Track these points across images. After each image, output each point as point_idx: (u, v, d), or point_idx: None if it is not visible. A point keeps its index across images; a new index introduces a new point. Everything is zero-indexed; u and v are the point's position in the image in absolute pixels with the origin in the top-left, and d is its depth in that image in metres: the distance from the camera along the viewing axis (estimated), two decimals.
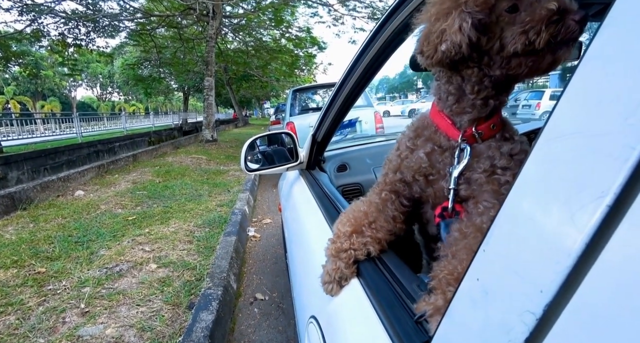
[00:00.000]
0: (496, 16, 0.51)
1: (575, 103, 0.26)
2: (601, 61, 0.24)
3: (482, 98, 0.58)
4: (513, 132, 0.61)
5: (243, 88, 24.24)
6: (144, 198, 4.28)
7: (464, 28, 0.50)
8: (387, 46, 0.98)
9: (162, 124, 21.29)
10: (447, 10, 0.52)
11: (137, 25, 10.88)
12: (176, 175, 5.75)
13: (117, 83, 38.14)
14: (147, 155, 7.61)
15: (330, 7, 10.84)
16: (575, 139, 0.25)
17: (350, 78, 1.12)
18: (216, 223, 3.37)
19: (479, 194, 0.57)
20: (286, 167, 1.33)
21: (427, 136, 0.65)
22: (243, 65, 15.11)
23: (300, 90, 6.37)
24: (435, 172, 0.63)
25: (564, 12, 0.47)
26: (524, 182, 0.30)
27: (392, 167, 0.69)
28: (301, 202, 1.20)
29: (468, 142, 0.59)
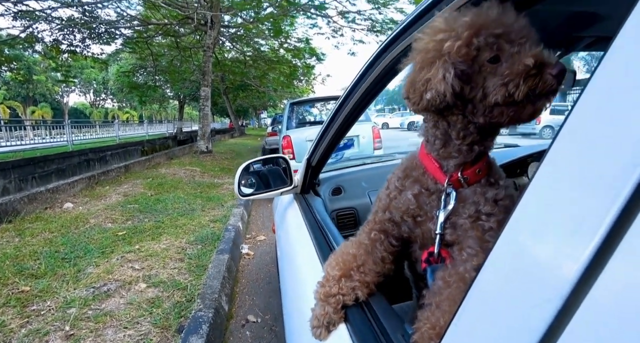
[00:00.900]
0: (478, 66, 0.54)
1: (572, 142, 0.29)
2: (594, 112, 0.27)
3: (467, 144, 0.61)
4: (499, 176, 0.65)
5: (240, 97, 24.44)
6: (135, 212, 4.28)
7: (447, 78, 0.54)
8: (384, 75, 1.02)
9: (156, 133, 21.34)
10: (431, 59, 0.56)
11: (134, 33, 11.03)
12: (169, 188, 5.76)
13: (112, 90, 38.39)
14: (140, 166, 7.61)
15: (329, 19, 11.07)
16: (571, 173, 0.28)
17: (345, 105, 1.16)
18: (209, 240, 3.37)
19: (463, 240, 0.60)
20: (280, 191, 1.36)
21: (415, 177, 0.68)
22: (240, 75, 15.27)
23: (297, 103, 6.45)
24: (422, 214, 0.66)
25: (541, 66, 0.50)
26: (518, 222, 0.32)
27: (381, 205, 0.72)
28: (294, 228, 1.23)
29: (454, 186, 0.63)
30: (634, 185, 0.23)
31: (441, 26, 0.56)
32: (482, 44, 0.53)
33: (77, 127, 13.23)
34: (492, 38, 0.53)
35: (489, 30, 0.53)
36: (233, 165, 8.65)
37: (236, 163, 9.22)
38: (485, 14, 0.53)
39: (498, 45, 0.53)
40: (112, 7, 9.47)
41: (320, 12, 10.65)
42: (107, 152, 10.85)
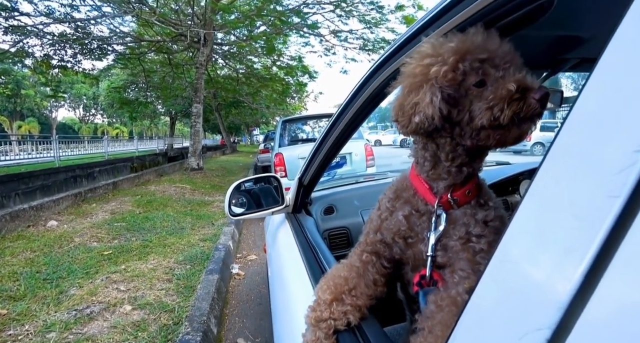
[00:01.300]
0: (465, 90, 0.57)
1: (559, 166, 0.30)
2: (583, 131, 0.29)
3: (456, 165, 0.63)
4: (489, 197, 0.66)
5: (232, 114, 24.57)
6: (122, 230, 4.21)
7: (434, 102, 0.56)
8: (375, 95, 1.05)
9: (146, 149, 21.26)
10: (418, 83, 0.58)
11: (126, 49, 11.13)
12: (158, 205, 5.69)
13: (102, 105, 38.33)
14: (129, 183, 7.53)
15: (322, 38, 11.32)
16: (561, 193, 0.29)
17: (337, 124, 1.18)
18: (198, 260, 3.31)
19: (455, 262, 0.61)
20: (271, 211, 1.36)
21: (405, 198, 0.69)
22: (233, 92, 15.39)
23: (290, 121, 6.52)
24: (414, 235, 0.67)
25: (524, 91, 0.53)
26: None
27: (372, 227, 0.73)
28: (285, 249, 1.22)
29: (444, 208, 0.64)
30: (623, 203, 0.24)
31: (428, 51, 0.59)
32: (467, 69, 0.55)
33: (64, 143, 13.10)
34: (477, 63, 0.55)
35: (474, 55, 0.55)
36: (224, 183, 8.61)
37: (227, 180, 9.18)
38: (471, 40, 0.56)
39: (483, 70, 0.55)
40: (105, 24, 9.57)
41: (312, 31, 10.91)
42: (95, 169, 10.72)
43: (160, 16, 8.17)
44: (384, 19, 10.31)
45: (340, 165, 2.66)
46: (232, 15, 10.29)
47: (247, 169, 12.20)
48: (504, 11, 0.58)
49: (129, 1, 7.56)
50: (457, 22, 0.64)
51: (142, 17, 7.80)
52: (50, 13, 8.39)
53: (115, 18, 9.25)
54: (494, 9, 0.58)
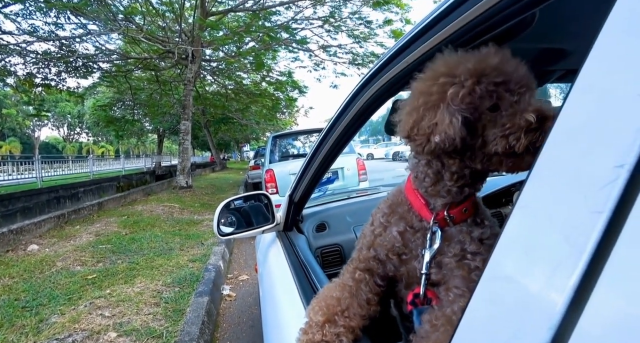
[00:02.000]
0: (479, 114, 0.56)
1: (545, 180, 0.31)
2: (567, 143, 0.29)
3: (458, 186, 0.63)
4: (484, 216, 0.67)
5: (221, 130, 24.56)
6: (108, 253, 4.11)
7: (454, 123, 0.54)
8: (366, 109, 1.06)
9: (133, 167, 21.04)
10: (435, 102, 0.57)
11: (112, 66, 11.15)
12: (145, 225, 5.60)
13: (87, 124, 38.07)
14: (115, 202, 7.41)
15: (311, 52, 11.52)
16: (546, 207, 0.29)
17: (327, 139, 1.19)
18: (187, 282, 3.24)
19: (449, 279, 0.61)
20: (262, 229, 1.35)
21: (400, 214, 0.69)
22: (222, 108, 15.46)
23: (280, 137, 6.54)
24: (408, 252, 0.67)
25: (542, 121, 0.52)
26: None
27: (365, 242, 0.73)
28: (276, 269, 1.21)
29: (440, 224, 0.64)
30: (607, 218, 0.25)
31: (442, 69, 0.58)
32: (483, 92, 0.55)
33: (47, 163, 12.94)
34: (492, 86, 0.54)
35: (489, 78, 0.54)
36: (214, 201, 8.53)
37: (217, 198, 9.11)
38: (487, 62, 0.55)
39: (498, 94, 0.55)
40: (90, 41, 9.61)
41: (301, 46, 11.10)
42: (79, 189, 10.58)
43: (148, 33, 8.25)
44: (373, 34, 10.57)
45: (331, 181, 2.67)
46: (220, 32, 10.45)
47: (238, 186, 12.13)
48: (486, 27, 0.60)
49: (115, 19, 7.62)
50: (440, 39, 0.66)
51: (129, 34, 7.86)
52: (34, 31, 8.41)
53: (101, 35, 9.30)
54: (476, 25, 0.60)
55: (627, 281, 0.23)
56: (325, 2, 9.88)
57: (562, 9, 0.75)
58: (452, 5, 0.62)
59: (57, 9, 7.54)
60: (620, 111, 0.27)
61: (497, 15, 0.57)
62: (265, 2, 10.07)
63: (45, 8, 7.71)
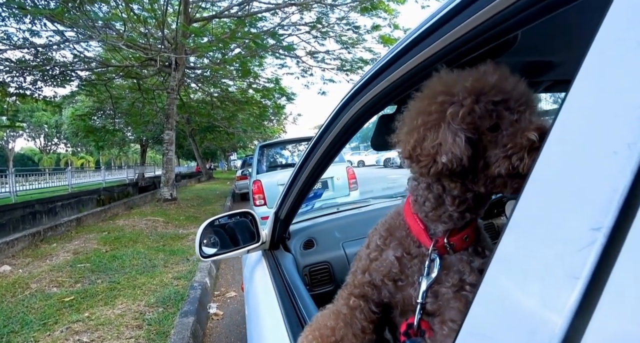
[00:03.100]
0: (479, 134, 0.55)
1: (541, 190, 0.31)
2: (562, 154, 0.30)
3: (460, 211, 0.62)
4: (485, 244, 0.66)
5: (207, 139, 24.39)
6: (87, 272, 4.01)
7: (458, 142, 0.53)
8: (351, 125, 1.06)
9: (115, 179, 20.74)
10: (435, 122, 0.56)
11: (91, 75, 11.03)
12: (127, 242, 5.50)
13: (65, 134, 37.44)
14: (94, 217, 7.27)
15: (298, 59, 11.59)
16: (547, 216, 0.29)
17: (314, 153, 1.19)
18: (172, 301, 3.18)
19: (445, 311, 0.60)
20: (246, 249, 1.33)
21: (398, 238, 0.68)
22: (207, 116, 15.38)
23: (267, 146, 6.52)
24: (404, 278, 0.66)
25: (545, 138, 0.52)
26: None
27: (361, 266, 0.72)
28: (260, 291, 1.19)
29: (439, 252, 0.63)
30: (613, 219, 0.24)
31: (440, 88, 0.58)
32: (482, 112, 0.54)
33: (22, 176, 12.65)
34: (491, 105, 0.54)
35: (488, 97, 0.54)
36: (200, 213, 8.43)
37: (203, 210, 9.01)
38: (484, 80, 0.55)
39: (497, 113, 0.54)
40: (68, 49, 9.50)
41: (289, 52, 11.16)
42: (57, 203, 10.35)
43: (128, 40, 8.19)
44: (361, 39, 10.69)
45: (318, 196, 2.66)
46: (204, 39, 10.45)
47: (225, 197, 12.03)
48: (467, 49, 0.61)
49: (94, 25, 7.57)
50: (424, 57, 0.66)
51: (109, 42, 7.80)
52: (7, 38, 8.29)
53: (80, 43, 9.22)
54: (457, 47, 0.61)
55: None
56: (312, 8, 9.99)
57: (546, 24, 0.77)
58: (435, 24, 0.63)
59: (32, 16, 7.45)
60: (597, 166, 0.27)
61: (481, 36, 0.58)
62: (251, 8, 10.13)
63: (20, 15, 7.62)
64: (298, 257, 1.45)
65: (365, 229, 0.80)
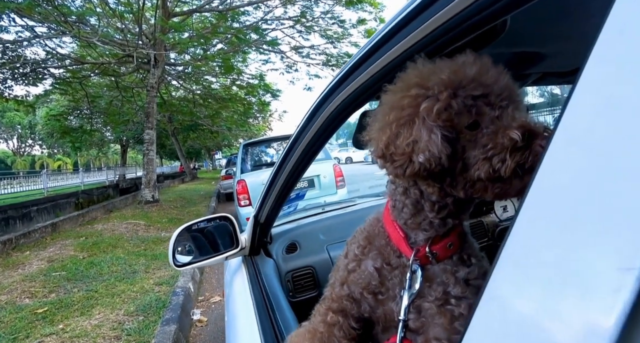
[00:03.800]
0: (457, 133, 0.50)
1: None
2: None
3: (441, 217, 0.58)
4: (472, 251, 0.61)
5: (191, 138, 24.12)
6: (62, 281, 3.89)
7: (434, 139, 0.49)
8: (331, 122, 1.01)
9: (94, 181, 20.34)
10: (408, 117, 0.51)
11: (65, 72, 10.74)
12: (106, 247, 5.37)
13: (40, 135, 36.45)
14: (71, 222, 7.08)
15: (283, 54, 11.50)
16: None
17: (293, 152, 1.14)
18: (153, 309, 3.10)
19: (429, 328, 0.56)
20: (224, 256, 1.28)
21: (377, 247, 0.64)
22: (189, 115, 15.17)
23: (252, 144, 6.43)
24: (384, 291, 0.61)
25: (530, 138, 0.47)
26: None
27: (339, 278, 0.67)
28: (238, 301, 1.14)
29: (421, 262, 0.58)
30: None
31: (414, 80, 0.53)
32: (460, 108, 0.49)
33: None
34: (470, 100, 0.49)
35: (467, 91, 0.49)
36: (183, 215, 8.30)
37: (187, 212, 8.88)
38: (464, 72, 0.50)
39: (477, 109, 0.49)
40: (40, 46, 9.20)
41: (273, 47, 11.06)
42: (31, 208, 10.06)
43: (103, 36, 7.97)
44: (346, 34, 10.67)
45: (301, 197, 2.61)
46: (185, 34, 10.26)
47: (210, 197, 11.88)
48: (454, 35, 0.57)
49: (67, 21, 7.33)
50: (405, 47, 0.62)
51: (82, 37, 7.57)
52: None
53: (52, 39, 8.94)
54: (440, 35, 0.57)
55: None
56: (296, 2, 9.91)
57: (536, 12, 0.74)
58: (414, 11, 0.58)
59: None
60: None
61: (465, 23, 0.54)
62: (233, 2, 9.98)
63: None
64: (280, 262, 1.40)
65: (352, 230, 0.75)
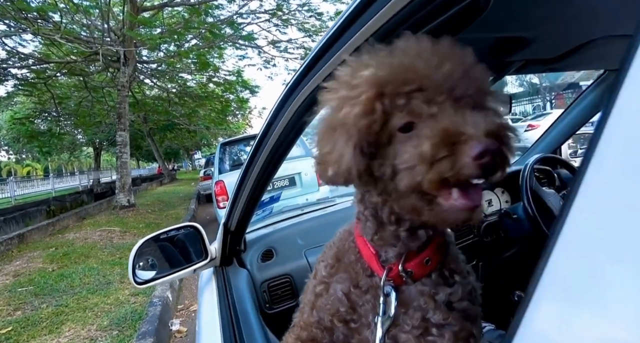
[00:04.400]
0: (388, 136, 0.44)
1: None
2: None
3: (407, 229, 0.50)
4: (456, 265, 0.54)
5: (168, 139, 23.68)
6: (29, 297, 3.72)
7: (346, 152, 0.44)
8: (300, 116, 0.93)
9: (66, 187, 19.79)
10: (332, 123, 0.46)
11: (29, 73, 10.32)
12: (78, 257, 5.18)
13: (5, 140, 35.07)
14: (40, 232, 6.82)
15: (260, 49, 11.34)
16: None
17: (259, 155, 1.08)
18: (128, 322, 2.99)
19: None
20: (192, 268, 1.19)
21: (346, 265, 0.56)
22: (165, 114, 14.85)
23: (229, 143, 6.33)
24: (357, 318, 0.54)
25: (457, 145, 0.38)
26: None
27: (307, 302, 0.60)
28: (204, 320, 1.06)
29: (395, 282, 0.51)
30: None
31: (345, 78, 0.47)
32: (388, 108, 0.43)
33: None
34: (402, 99, 0.42)
35: (397, 87, 0.42)
36: (161, 219, 8.10)
37: (165, 215, 8.67)
38: (394, 63, 0.43)
39: (410, 108, 0.42)
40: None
41: (249, 42, 10.89)
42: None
43: (67, 33, 7.64)
44: (324, 26, 10.58)
45: (275, 199, 2.52)
46: (157, 29, 9.98)
47: (189, 199, 11.66)
48: (429, 11, 0.51)
49: (26, 17, 6.99)
50: (377, 26, 0.55)
51: (43, 34, 7.24)
52: None
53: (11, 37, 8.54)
54: (417, 10, 0.50)
55: None
56: None
57: None
58: None
59: None
60: None
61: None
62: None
63: None
64: (255, 271, 1.32)
65: (332, 233, 0.67)
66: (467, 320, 0.49)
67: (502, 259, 1.66)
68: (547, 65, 1.14)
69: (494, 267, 1.64)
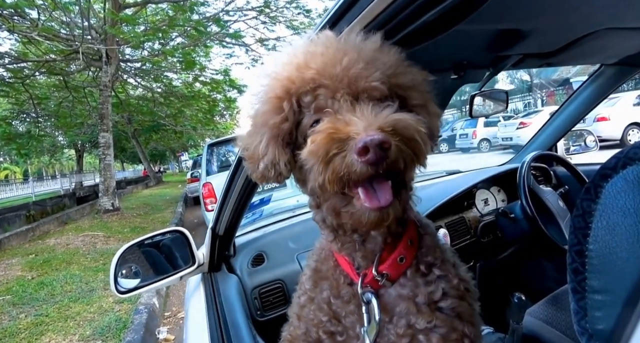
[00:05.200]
0: (303, 134, 0.45)
1: None
2: None
3: (361, 233, 0.49)
4: (434, 257, 0.51)
5: (153, 140, 23.42)
6: (6, 306, 3.62)
7: (271, 149, 0.46)
8: None
9: (47, 191, 19.35)
10: (259, 126, 0.47)
11: (5, 72, 10.09)
12: (59, 264, 5.07)
13: None
14: (19, 238, 6.66)
15: (247, 47, 11.27)
16: None
17: None
18: (112, 331, 2.93)
19: None
20: (179, 276, 1.15)
21: (326, 275, 0.55)
22: (150, 114, 14.68)
23: (217, 144, 6.26)
24: (342, 330, 0.52)
25: (346, 142, 0.38)
26: None
27: (294, 314, 0.59)
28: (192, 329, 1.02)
29: (373, 287, 0.49)
30: None
31: (267, 71, 0.49)
32: (295, 107, 0.44)
33: None
34: (308, 96, 0.43)
35: (301, 85, 0.43)
36: (147, 223, 7.98)
37: (151, 219, 8.56)
38: (296, 60, 0.43)
39: (317, 104, 0.43)
40: None
41: (236, 40, 10.82)
42: None
43: (44, 31, 7.49)
44: (313, 24, 10.56)
45: (265, 202, 2.50)
46: (142, 27, 9.85)
47: (176, 202, 11.54)
48: (425, 2, 0.48)
49: (1, 13, 6.82)
50: (369, 18, 0.53)
51: (19, 32, 7.08)
52: None
53: None
54: (404, 7, 0.48)
55: None
56: None
57: None
58: None
59: None
60: None
61: None
62: None
63: None
64: (245, 277, 1.29)
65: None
66: (458, 318, 0.47)
67: (499, 260, 1.65)
68: (544, 59, 1.14)
69: (491, 268, 1.63)
